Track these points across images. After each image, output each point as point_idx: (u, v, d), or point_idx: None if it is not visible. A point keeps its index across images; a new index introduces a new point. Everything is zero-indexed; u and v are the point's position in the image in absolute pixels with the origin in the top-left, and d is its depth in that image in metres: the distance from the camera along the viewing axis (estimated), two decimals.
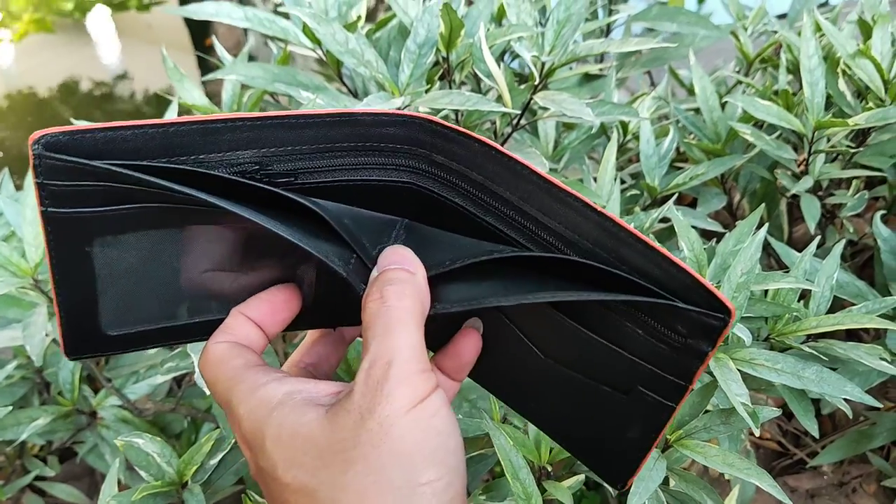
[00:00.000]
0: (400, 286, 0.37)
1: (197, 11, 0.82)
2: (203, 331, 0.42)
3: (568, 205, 0.38)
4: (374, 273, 0.38)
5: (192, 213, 0.38)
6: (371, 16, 1.74)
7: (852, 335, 0.93)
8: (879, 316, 0.71)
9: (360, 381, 0.34)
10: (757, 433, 0.56)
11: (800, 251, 0.73)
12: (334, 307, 0.45)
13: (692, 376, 0.37)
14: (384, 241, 0.41)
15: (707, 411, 0.64)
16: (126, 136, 0.35)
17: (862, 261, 1.02)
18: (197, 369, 0.40)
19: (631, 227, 0.36)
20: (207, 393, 0.66)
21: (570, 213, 0.38)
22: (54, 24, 3.70)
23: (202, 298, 0.42)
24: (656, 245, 0.36)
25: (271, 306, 0.42)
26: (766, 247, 0.85)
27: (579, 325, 0.40)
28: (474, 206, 0.41)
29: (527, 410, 0.45)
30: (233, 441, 0.63)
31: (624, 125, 0.96)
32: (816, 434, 0.72)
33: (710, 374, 0.61)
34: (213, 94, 0.96)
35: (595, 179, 0.84)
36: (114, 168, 0.34)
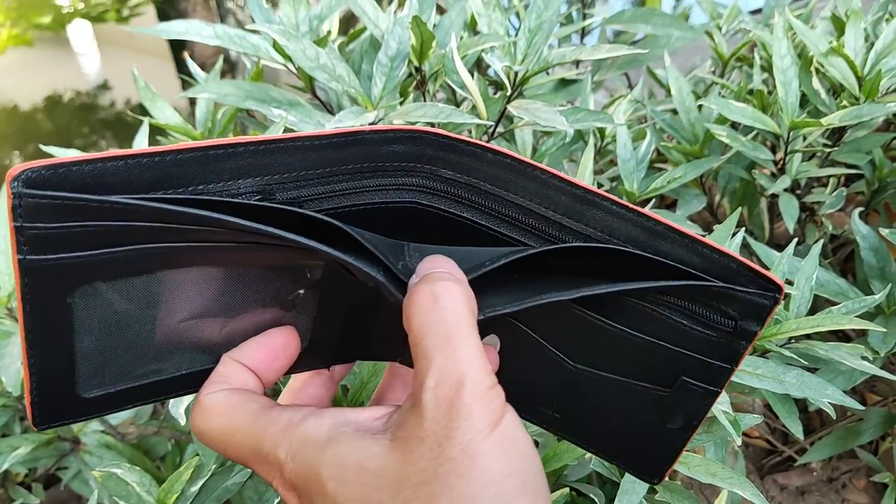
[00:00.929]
0: (449, 286, 0.33)
1: (167, 30, 0.81)
2: (191, 383, 0.38)
3: (597, 206, 0.37)
4: (415, 279, 0.34)
5: (188, 252, 0.34)
6: (349, 21, 1.74)
7: (838, 332, 0.93)
8: (862, 315, 0.71)
9: (427, 402, 0.30)
10: (739, 442, 0.56)
11: (782, 248, 0.73)
12: (338, 343, 0.42)
13: (739, 358, 0.37)
14: (401, 260, 0.37)
15: None
16: (117, 167, 0.31)
17: (844, 255, 1.02)
18: (192, 426, 0.36)
19: (668, 220, 0.36)
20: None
21: (600, 215, 0.37)
22: (34, 38, 3.68)
23: (190, 349, 0.38)
24: (695, 234, 0.36)
25: (269, 351, 0.38)
26: (748, 246, 0.85)
27: (619, 325, 0.39)
28: (485, 218, 0.40)
29: (546, 420, 0.44)
30: (213, 466, 0.62)
31: (601, 129, 0.96)
32: (801, 436, 0.72)
33: None
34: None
35: None
36: (124, 201, 0.30)
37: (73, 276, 0.32)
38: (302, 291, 0.39)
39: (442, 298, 0.32)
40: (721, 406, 0.57)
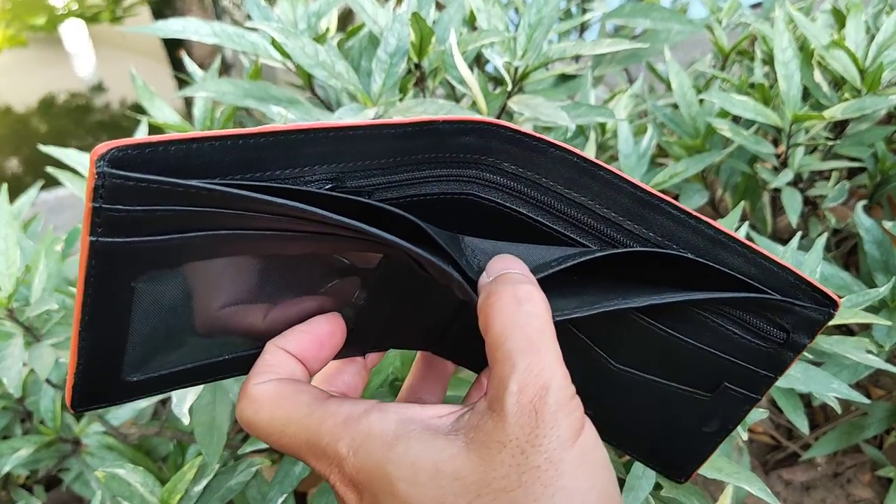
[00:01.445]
0: (530, 289, 0.32)
1: (164, 28, 0.80)
2: (232, 368, 0.38)
3: (660, 210, 0.37)
4: (487, 277, 0.34)
5: (255, 240, 0.33)
6: (347, 18, 1.73)
7: (842, 325, 0.93)
8: (866, 308, 0.71)
9: (510, 407, 0.29)
10: (745, 437, 0.55)
11: (785, 242, 0.73)
12: (378, 333, 0.42)
13: (784, 369, 0.38)
14: (463, 256, 0.37)
15: None
16: (202, 149, 0.30)
17: (848, 248, 1.02)
18: (240, 416, 0.34)
19: (730, 230, 0.36)
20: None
21: (661, 219, 0.37)
22: (28, 39, 3.67)
23: (233, 334, 0.37)
24: (755, 245, 0.36)
25: (314, 340, 0.36)
26: (751, 241, 0.85)
27: (670, 331, 0.39)
28: (543, 215, 0.39)
29: None
30: (217, 466, 0.62)
31: (602, 124, 0.96)
32: (806, 431, 0.71)
33: None
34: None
35: None
36: (213, 187, 0.29)
37: (143, 260, 0.31)
38: (351, 281, 0.38)
39: (525, 302, 0.32)
40: None
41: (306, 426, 0.32)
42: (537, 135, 0.37)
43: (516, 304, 0.31)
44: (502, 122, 0.37)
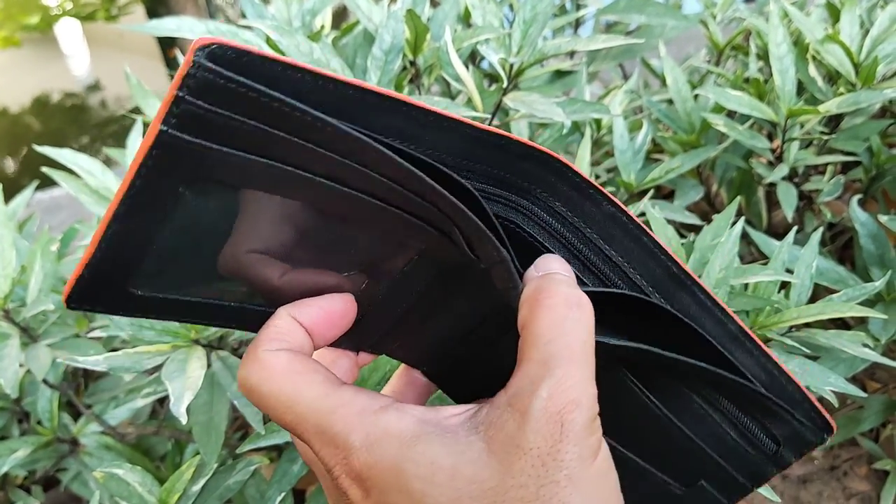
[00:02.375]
0: (584, 298, 0.31)
1: (158, 27, 0.80)
2: (234, 318, 0.36)
3: (689, 291, 0.36)
4: (536, 272, 0.33)
5: (316, 188, 0.31)
6: (342, 15, 1.73)
7: (839, 319, 0.93)
8: (861, 302, 0.71)
9: (536, 412, 0.29)
10: None
11: (780, 236, 0.73)
12: (381, 333, 0.40)
13: (762, 482, 0.37)
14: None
15: None
16: (297, 79, 0.29)
17: (843, 242, 1.02)
18: (244, 380, 0.33)
19: (753, 333, 0.36)
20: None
21: (688, 300, 0.36)
22: (22, 39, 3.65)
23: (245, 282, 0.35)
24: (773, 355, 0.36)
25: (327, 317, 0.35)
26: (746, 235, 0.85)
27: (667, 412, 0.37)
28: (575, 263, 0.37)
29: None
30: (215, 466, 0.62)
31: (597, 120, 0.96)
32: None
33: None
34: None
35: None
36: (315, 112, 0.28)
37: (201, 167, 0.29)
38: (378, 271, 0.37)
39: (576, 308, 0.31)
40: None
41: (317, 409, 0.31)
42: (596, 184, 0.36)
43: (567, 307, 0.31)
44: (569, 162, 0.36)
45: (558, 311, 0.30)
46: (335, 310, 0.35)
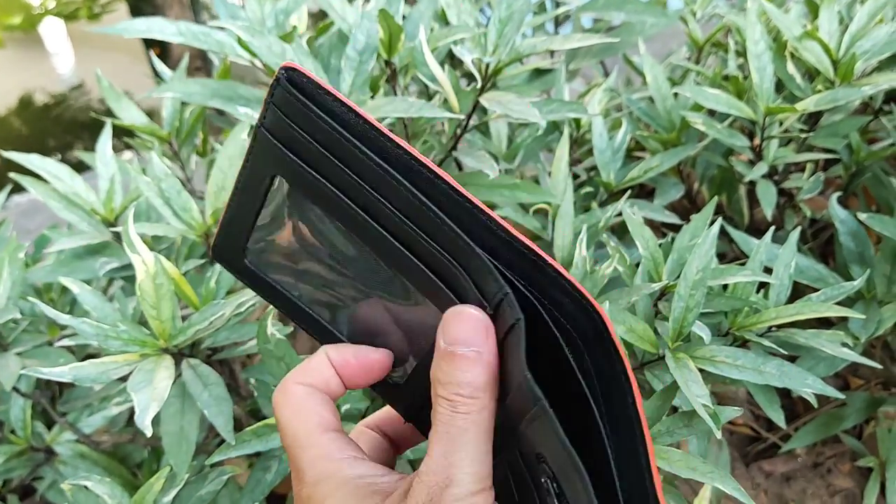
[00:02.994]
0: (472, 389, 0.33)
1: (129, 29, 0.79)
2: (308, 324, 0.42)
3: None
4: (442, 345, 0.34)
5: (346, 210, 0.35)
6: (320, 16, 1.71)
7: (819, 318, 0.93)
8: (842, 301, 0.71)
9: (418, 488, 0.33)
10: (719, 436, 0.55)
11: (762, 233, 0.72)
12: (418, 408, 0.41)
13: None
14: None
15: (675, 409, 0.63)
16: (350, 121, 0.33)
17: (824, 239, 1.02)
18: (273, 401, 0.40)
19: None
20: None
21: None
22: (4, 39, 3.62)
23: (320, 298, 0.41)
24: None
25: (360, 365, 0.40)
26: (727, 234, 0.84)
27: None
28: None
29: None
30: (186, 476, 0.61)
31: (577, 119, 0.95)
32: (783, 425, 0.71)
33: (671, 374, 0.60)
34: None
35: (550, 176, 0.83)
36: (359, 145, 0.33)
37: (282, 166, 0.36)
38: (414, 339, 0.40)
39: (459, 406, 0.33)
40: (701, 399, 0.56)
41: (301, 442, 0.37)
42: (621, 350, 0.34)
43: (451, 407, 0.33)
44: (604, 314, 0.33)
45: (442, 406, 0.34)
46: (370, 360, 0.40)
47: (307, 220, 0.38)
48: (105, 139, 0.78)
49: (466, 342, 0.33)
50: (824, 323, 0.87)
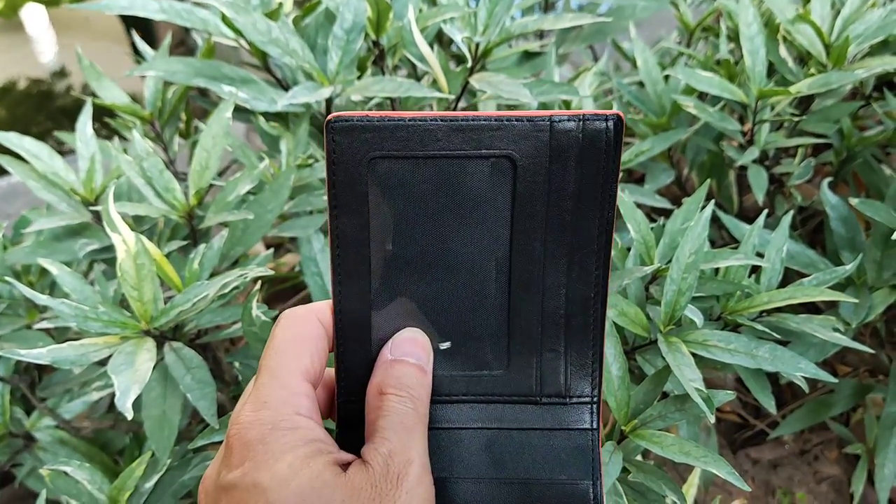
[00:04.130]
0: (417, 390, 0.39)
1: (110, 5, 0.77)
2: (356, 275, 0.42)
3: None
4: (388, 356, 0.39)
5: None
6: None
7: (810, 304, 0.93)
8: (832, 286, 0.70)
9: (377, 464, 0.35)
10: (712, 420, 0.54)
11: (751, 219, 0.72)
12: None
13: None
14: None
15: (665, 394, 0.62)
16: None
17: (813, 226, 1.02)
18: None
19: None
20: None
21: None
22: None
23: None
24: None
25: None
26: (718, 219, 0.84)
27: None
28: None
29: None
30: (168, 461, 0.60)
31: (567, 102, 0.94)
32: (774, 410, 0.71)
33: (663, 358, 0.59)
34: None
35: None
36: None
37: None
38: None
39: (406, 401, 0.38)
40: (694, 383, 0.55)
41: (277, 379, 0.38)
42: None
43: (400, 401, 0.38)
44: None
45: (392, 398, 0.38)
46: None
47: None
48: (85, 118, 0.76)
49: (414, 355, 0.39)
50: (813, 310, 0.87)
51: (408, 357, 0.39)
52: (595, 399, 0.42)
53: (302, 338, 0.39)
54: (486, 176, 0.38)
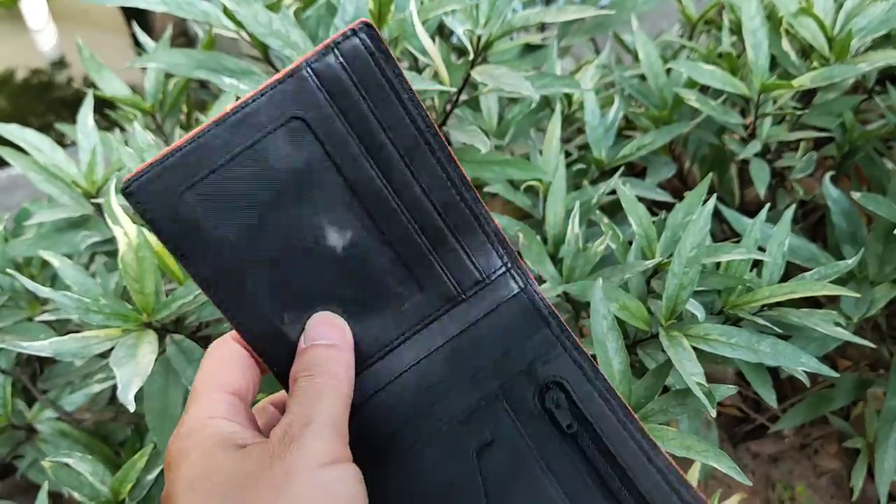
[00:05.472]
0: (328, 365, 0.39)
1: None
2: (236, 298, 0.42)
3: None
4: (302, 345, 0.40)
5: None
6: None
7: (810, 298, 0.93)
8: (833, 281, 0.70)
9: (276, 433, 0.36)
10: (713, 414, 0.54)
11: (753, 214, 0.72)
12: None
13: None
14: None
15: (666, 388, 0.62)
16: (403, 95, 0.40)
17: (814, 220, 1.01)
18: None
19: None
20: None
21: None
22: None
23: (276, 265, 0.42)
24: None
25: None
26: (719, 213, 0.84)
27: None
28: None
29: None
30: None
31: (568, 96, 0.94)
32: (775, 405, 0.71)
33: (664, 352, 0.59)
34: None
35: (541, 153, 0.81)
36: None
37: (311, 108, 0.39)
38: None
39: (317, 377, 0.38)
40: (695, 377, 0.55)
41: (194, 397, 0.40)
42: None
43: (310, 379, 0.38)
44: None
45: (303, 380, 0.39)
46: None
47: (306, 180, 0.39)
48: (86, 110, 0.76)
49: (325, 336, 0.40)
50: (815, 305, 0.87)
51: (318, 340, 0.40)
52: (509, 264, 0.43)
53: (221, 359, 0.40)
54: (290, 146, 0.38)
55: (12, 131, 0.74)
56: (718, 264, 0.69)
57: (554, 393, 0.41)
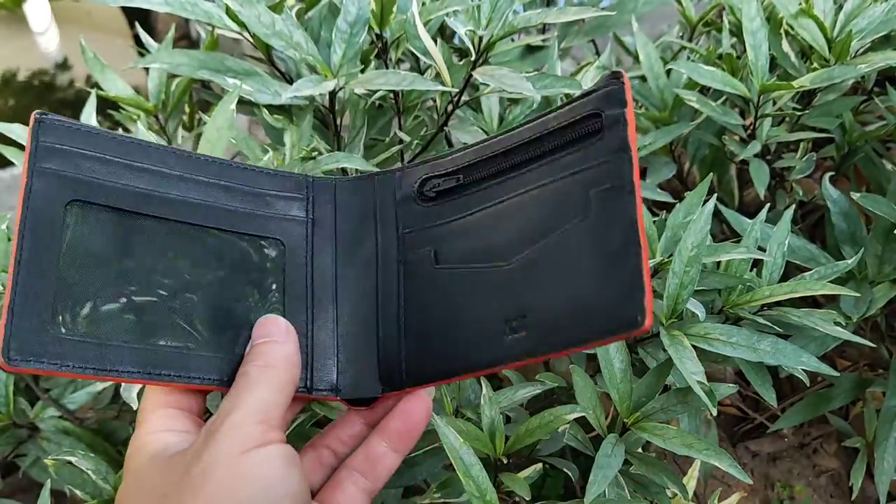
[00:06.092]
0: (264, 358, 0.41)
1: None
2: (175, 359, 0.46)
3: None
4: (248, 347, 0.43)
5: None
6: None
7: (810, 298, 0.93)
8: (833, 281, 0.70)
9: (201, 432, 0.37)
10: (714, 413, 0.55)
11: (752, 214, 0.72)
12: None
13: (627, 140, 0.40)
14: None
15: (667, 387, 0.62)
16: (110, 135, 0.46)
17: (813, 221, 1.02)
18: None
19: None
20: None
21: None
22: None
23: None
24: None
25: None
26: (718, 214, 0.84)
27: (520, 191, 0.45)
28: None
29: (515, 351, 0.42)
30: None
31: (569, 97, 0.94)
32: (774, 404, 0.71)
33: (665, 351, 0.59)
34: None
35: None
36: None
37: (73, 187, 0.43)
38: None
39: (250, 372, 0.40)
40: (696, 376, 0.56)
41: (140, 420, 0.43)
42: None
43: (244, 375, 0.40)
44: None
45: (238, 377, 0.41)
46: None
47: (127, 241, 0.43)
48: (90, 110, 0.76)
49: (262, 335, 0.43)
50: (814, 304, 0.87)
51: (256, 340, 0.43)
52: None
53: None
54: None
55: (16, 131, 0.74)
56: (718, 264, 0.69)
57: None
